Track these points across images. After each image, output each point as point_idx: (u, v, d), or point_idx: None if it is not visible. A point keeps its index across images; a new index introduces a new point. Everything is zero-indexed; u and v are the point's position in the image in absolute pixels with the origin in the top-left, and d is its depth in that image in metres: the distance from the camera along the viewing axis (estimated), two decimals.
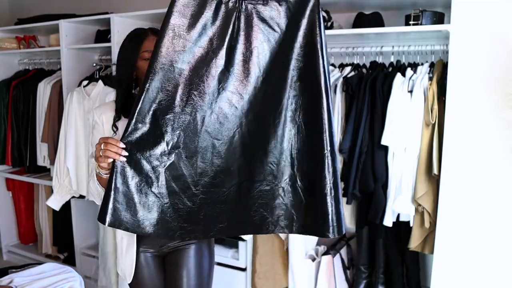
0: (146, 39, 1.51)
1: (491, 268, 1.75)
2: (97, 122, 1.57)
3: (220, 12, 1.27)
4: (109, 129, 1.53)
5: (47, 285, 2.02)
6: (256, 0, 1.28)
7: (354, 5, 2.22)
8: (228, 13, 1.27)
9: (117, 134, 1.49)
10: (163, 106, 1.29)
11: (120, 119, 1.52)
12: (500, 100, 1.65)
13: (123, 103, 1.53)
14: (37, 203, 3.41)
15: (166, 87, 1.28)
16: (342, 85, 2.08)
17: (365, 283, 2.33)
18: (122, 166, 1.30)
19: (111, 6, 3.07)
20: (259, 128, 1.33)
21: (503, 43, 1.64)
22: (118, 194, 1.30)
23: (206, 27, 1.27)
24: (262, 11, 1.28)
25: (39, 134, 3.02)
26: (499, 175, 1.70)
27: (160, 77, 1.27)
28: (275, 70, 1.30)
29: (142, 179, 1.32)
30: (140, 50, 1.50)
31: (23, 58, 3.40)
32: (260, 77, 1.31)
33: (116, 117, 1.52)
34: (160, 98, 1.28)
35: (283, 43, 1.29)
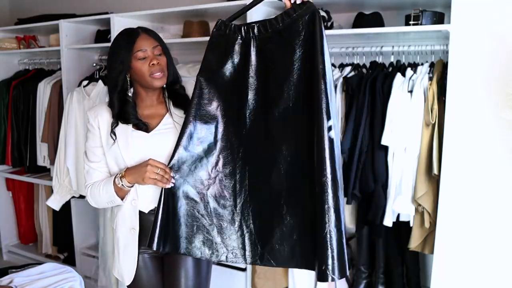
0: (138, 38, 1.48)
1: (491, 268, 1.75)
2: (92, 125, 1.54)
3: (238, 47, 1.43)
4: (106, 134, 1.51)
5: (47, 285, 2.02)
6: (264, 32, 1.41)
7: (354, 5, 2.22)
8: (246, 47, 1.42)
9: (116, 142, 1.49)
10: (203, 136, 1.44)
11: (117, 125, 1.50)
12: (500, 100, 1.65)
13: (119, 108, 1.50)
14: (37, 203, 3.41)
15: (205, 119, 1.44)
16: (342, 85, 2.08)
17: (365, 283, 2.33)
18: (169, 192, 1.44)
19: (111, 6, 3.07)
20: (295, 157, 1.38)
21: (503, 43, 1.64)
22: (166, 219, 1.44)
23: (232, 63, 1.44)
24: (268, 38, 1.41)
25: (39, 134, 3.02)
26: (499, 175, 1.70)
27: (201, 111, 1.43)
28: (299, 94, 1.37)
29: (188, 203, 1.47)
30: (133, 50, 1.46)
31: (23, 58, 3.40)
32: (289, 102, 1.38)
33: (114, 122, 1.50)
34: (200, 129, 1.44)
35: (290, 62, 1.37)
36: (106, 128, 1.52)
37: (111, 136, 1.50)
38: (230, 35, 1.43)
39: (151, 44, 1.48)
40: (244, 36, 1.42)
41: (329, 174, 1.27)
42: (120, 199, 1.49)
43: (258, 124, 1.42)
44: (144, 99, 1.56)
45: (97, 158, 1.53)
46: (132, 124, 1.51)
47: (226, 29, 1.43)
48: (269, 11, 2.29)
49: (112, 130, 1.50)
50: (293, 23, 1.37)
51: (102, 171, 1.54)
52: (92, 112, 1.57)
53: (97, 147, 1.53)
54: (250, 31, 1.42)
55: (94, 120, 1.53)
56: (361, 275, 2.33)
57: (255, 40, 1.41)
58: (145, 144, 1.50)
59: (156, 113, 1.56)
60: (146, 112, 1.55)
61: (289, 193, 1.40)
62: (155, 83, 1.48)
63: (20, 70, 3.40)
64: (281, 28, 1.38)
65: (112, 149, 1.51)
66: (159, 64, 1.47)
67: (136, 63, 1.46)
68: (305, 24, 1.35)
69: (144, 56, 1.47)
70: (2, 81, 3.25)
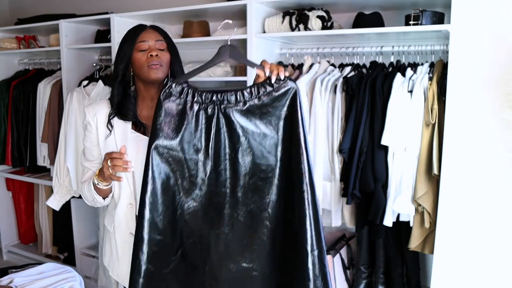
0: (143, 31, 1.47)
1: (491, 268, 1.75)
2: (89, 123, 1.50)
3: (200, 118, 1.29)
4: (103, 131, 1.48)
5: (47, 285, 2.03)
6: (234, 102, 1.29)
7: (354, 5, 2.22)
8: (208, 119, 1.29)
9: (112, 133, 1.46)
10: (163, 217, 1.31)
11: (115, 116, 1.47)
12: (500, 100, 1.65)
13: (119, 101, 1.47)
14: (37, 203, 3.41)
15: (164, 199, 1.30)
16: (342, 85, 2.08)
17: (365, 283, 2.33)
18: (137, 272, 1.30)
19: (111, 6, 3.07)
20: (250, 224, 1.31)
21: (503, 43, 1.64)
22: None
23: (189, 134, 1.29)
24: (240, 112, 1.28)
25: (39, 134, 3.02)
26: (499, 175, 1.70)
27: (155, 187, 1.28)
28: (259, 167, 1.30)
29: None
30: (136, 42, 1.45)
31: (23, 58, 3.40)
32: (247, 175, 1.30)
33: (112, 113, 1.47)
34: (160, 209, 1.30)
35: (264, 139, 1.29)
36: (104, 123, 1.48)
37: (107, 127, 1.46)
38: (186, 100, 1.30)
39: (154, 37, 1.47)
40: (204, 103, 1.30)
41: (315, 247, 1.23)
42: (101, 198, 1.46)
43: (220, 198, 1.31)
44: (144, 98, 1.51)
45: (92, 157, 1.51)
46: (131, 124, 1.47)
47: (181, 93, 1.30)
48: (268, 11, 2.29)
49: (109, 120, 1.46)
50: (270, 99, 1.28)
51: (94, 169, 1.50)
52: (90, 108, 1.51)
53: (93, 147, 1.50)
54: (214, 100, 1.29)
55: (93, 118, 1.49)
56: (361, 275, 2.33)
57: (220, 110, 1.29)
58: (143, 148, 1.39)
59: None
60: (146, 113, 1.49)
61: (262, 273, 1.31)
62: (151, 74, 1.42)
63: (20, 70, 3.40)
64: (257, 102, 1.28)
65: (108, 144, 1.46)
66: (158, 57, 1.44)
67: (137, 54, 1.44)
68: (284, 101, 1.27)
69: (145, 48, 1.45)
70: (2, 81, 3.25)
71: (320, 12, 2.14)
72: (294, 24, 2.16)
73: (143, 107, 1.51)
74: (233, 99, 1.28)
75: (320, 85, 2.09)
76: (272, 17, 2.24)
